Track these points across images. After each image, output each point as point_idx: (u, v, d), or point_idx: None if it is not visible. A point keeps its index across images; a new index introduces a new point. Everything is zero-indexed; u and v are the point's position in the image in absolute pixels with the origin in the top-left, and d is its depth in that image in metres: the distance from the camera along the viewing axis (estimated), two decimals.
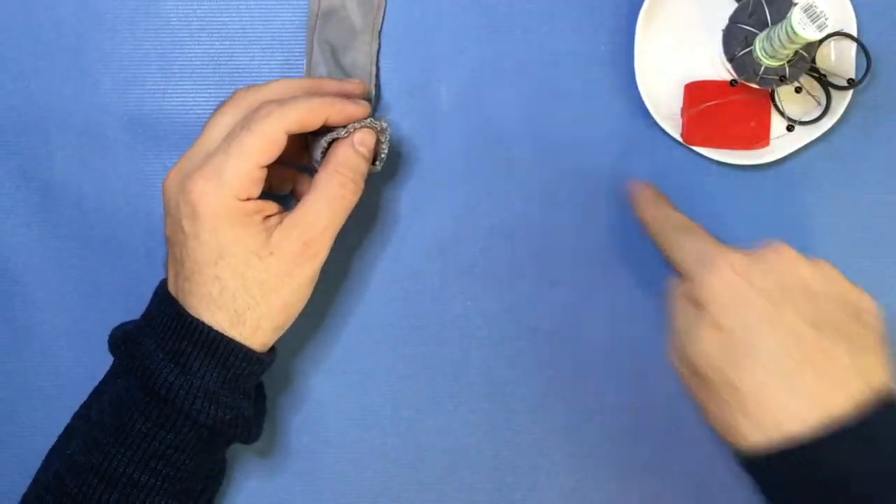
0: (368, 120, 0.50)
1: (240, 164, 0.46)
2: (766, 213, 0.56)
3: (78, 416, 0.50)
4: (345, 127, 0.49)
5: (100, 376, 0.55)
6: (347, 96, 0.50)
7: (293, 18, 0.56)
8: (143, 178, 0.56)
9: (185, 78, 0.56)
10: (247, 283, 0.46)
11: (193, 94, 0.56)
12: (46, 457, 0.50)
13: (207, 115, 0.55)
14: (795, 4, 0.49)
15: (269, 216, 0.48)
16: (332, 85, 0.51)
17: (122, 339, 0.49)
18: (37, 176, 0.56)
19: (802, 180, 0.56)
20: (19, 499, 0.55)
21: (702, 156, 0.55)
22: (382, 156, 0.51)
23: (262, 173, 0.47)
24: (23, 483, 0.56)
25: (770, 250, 0.45)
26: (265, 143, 0.46)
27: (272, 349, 0.50)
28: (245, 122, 0.47)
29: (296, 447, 0.56)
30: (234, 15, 0.56)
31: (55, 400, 0.56)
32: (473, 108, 0.56)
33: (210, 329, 0.46)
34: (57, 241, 0.56)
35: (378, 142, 0.51)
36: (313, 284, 0.49)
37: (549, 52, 0.56)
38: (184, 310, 0.47)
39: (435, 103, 0.56)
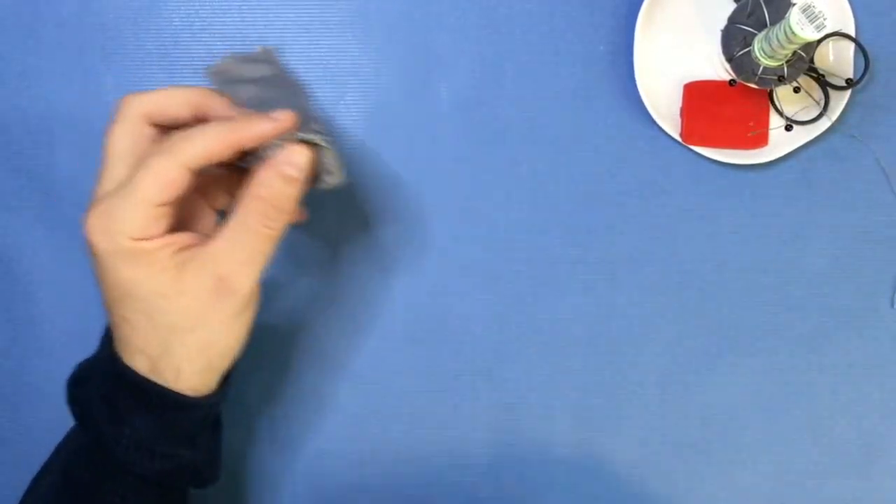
0: (299, 134, 0.43)
1: (132, 205, 0.41)
2: (765, 212, 0.56)
3: (33, 480, 0.48)
4: (277, 143, 0.43)
5: None
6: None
7: (295, 19, 0.56)
8: None
9: (187, 78, 0.56)
10: (157, 327, 0.42)
11: None
12: (25, 494, 0.48)
13: None
14: (794, 5, 0.49)
15: (181, 249, 0.42)
16: (221, 103, 0.45)
17: (72, 379, 0.47)
18: (40, 175, 0.56)
19: (800, 180, 0.56)
20: (20, 493, 0.56)
21: (701, 155, 0.55)
22: (330, 170, 0.45)
23: (163, 210, 0.42)
24: (24, 480, 0.56)
25: None
26: (161, 182, 0.41)
27: (222, 386, 0.46)
28: (147, 156, 0.42)
29: (291, 447, 0.57)
30: (235, 15, 0.56)
31: (56, 398, 0.55)
32: (473, 108, 0.56)
33: (138, 376, 0.43)
34: (59, 240, 0.56)
35: (319, 157, 0.44)
36: (244, 322, 0.44)
37: (549, 53, 0.56)
38: (114, 352, 0.44)
39: (435, 103, 0.56)
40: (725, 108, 0.55)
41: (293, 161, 0.43)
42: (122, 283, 0.42)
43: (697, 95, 0.55)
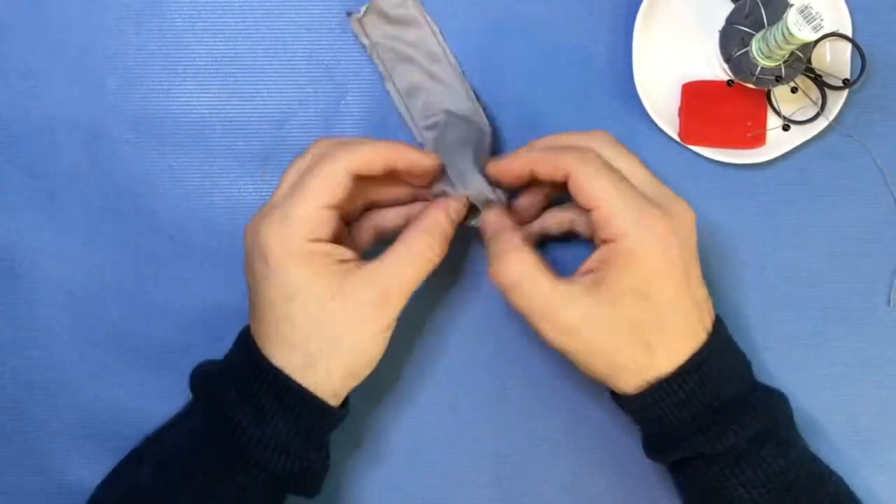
0: (476, 192, 0.51)
1: (304, 205, 0.46)
2: (762, 211, 0.57)
3: (150, 441, 0.50)
4: (454, 186, 0.51)
5: (103, 373, 0.56)
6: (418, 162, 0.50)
7: (296, 19, 0.57)
8: (147, 177, 0.56)
9: (189, 78, 0.57)
10: (319, 324, 0.46)
11: (197, 94, 0.56)
12: (108, 478, 0.50)
13: (211, 115, 0.57)
14: (791, 6, 0.49)
15: (344, 261, 0.47)
16: (407, 147, 0.50)
17: (203, 379, 0.49)
18: (43, 174, 0.56)
19: (798, 179, 0.56)
20: (25, 491, 0.56)
21: (699, 155, 0.56)
22: (473, 222, 0.52)
23: (329, 214, 0.47)
24: (27, 477, 0.56)
25: (683, 214, 0.48)
26: (327, 183, 0.47)
27: (345, 403, 0.50)
28: (310, 166, 0.48)
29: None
30: (237, 16, 0.57)
31: (59, 396, 0.57)
32: None
33: (285, 377, 0.46)
34: (63, 239, 0.56)
35: (472, 209, 0.52)
36: (388, 338, 0.48)
37: (549, 53, 0.57)
38: (261, 354, 0.47)
39: None
40: (723, 107, 0.55)
41: (459, 211, 0.51)
42: (293, 282, 0.46)
43: (696, 95, 0.55)
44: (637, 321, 0.46)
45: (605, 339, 0.46)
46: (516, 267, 0.47)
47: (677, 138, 0.56)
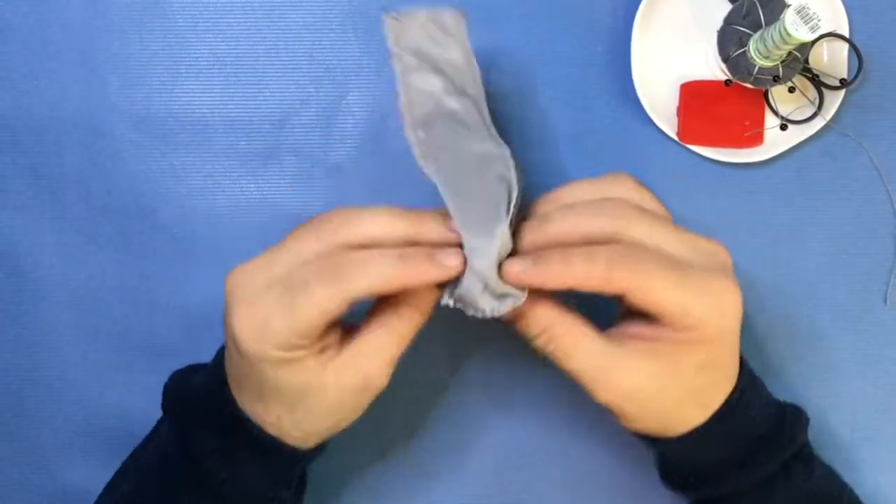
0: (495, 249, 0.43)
1: (288, 326, 0.42)
2: (760, 210, 0.57)
3: (133, 458, 0.50)
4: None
5: (105, 371, 0.57)
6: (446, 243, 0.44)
7: (297, 19, 0.57)
8: (150, 177, 0.57)
9: (192, 78, 0.57)
10: (294, 411, 0.44)
11: (199, 94, 0.57)
12: (98, 497, 0.50)
13: (213, 114, 0.57)
14: (789, 6, 0.49)
15: (325, 350, 0.44)
16: (434, 230, 0.44)
17: (176, 405, 0.48)
18: (46, 174, 0.57)
19: (795, 178, 0.57)
20: (29, 488, 0.56)
21: (697, 154, 0.56)
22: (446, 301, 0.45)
23: (317, 329, 0.42)
24: (32, 475, 0.57)
25: (732, 283, 0.45)
26: (325, 310, 0.42)
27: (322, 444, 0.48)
28: (313, 275, 0.42)
29: None
30: (239, 16, 0.57)
31: (62, 394, 0.57)
32: None
33: (261, 431, 0.45)
34: (66, 238, 0.57)
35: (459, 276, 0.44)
36: (368, 403, 0.46)
37: (548, 53, 0.57)
38: (236, 406, 0.45)
39: None
40: (721, 107, 0.55)
41: (442, 274, 0.43)
42: (267, 380, 0.43)
43: (694, 95, 0.55)
44: (699, 388, 0.45)
45: (662, 406, 0.44)
46: (557, 335, 0.44)
47: (676, 137, 0.56)
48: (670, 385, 0.44)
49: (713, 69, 0.56)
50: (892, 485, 0.56)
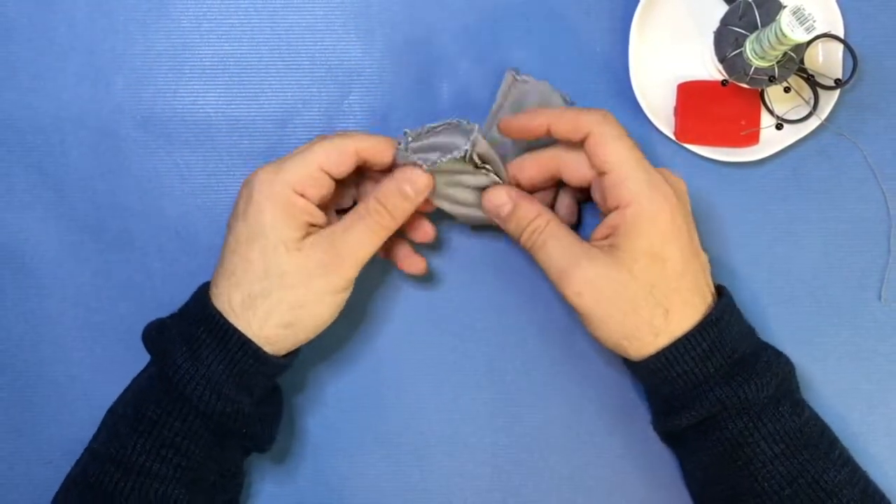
0: (451, 155, 0.50)
1: (301, 160, 0.49)
2: (756, 208, 0.57)
3: (108, 412, 0.51)
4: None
5: (110, 367, 0.57)
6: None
7: (299, 20, 0.58)
8: (154, 175, 0.57)
9: (196, 78, 0.58)
10: (269, 270, 0.48)
11: (203, 94, 0.57)
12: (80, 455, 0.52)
13: (217, 114, 0.58)
14: (784, 7, 0.50)
15: (314, 224, 0.50)
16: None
17: (154, 328, 0.51)
18: (52, 173, 0.57)
19: (791, 177, 0.57)
20: (35, 483, 0.57)
21: (694, 153, 0.57)
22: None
23: (322, 178, 0.49)
24: (38, 468, 0.57)
25: (681, 184, 0.50)
26: (332, 150, 0.49)
27: (289, 355, 0.51)
28: (321, 138, 0.50)
29: (301, 435, 0.58)
30: (242, 18, 0.58)
31: (68, 389, 0.58)
32: (474, 107, 0.57)
33: (222, 317, 0.48)
34: (71, 236, 0.57)
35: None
36: (337, 303, 0.50)
37: (547, 54, 0.57)
38: (207, 298, 0.49)
39: (436, 103, 0.58)
40: (718, 107, 0.56)
41: (415, 183, 0.50)
42: (262, 224, 0.48)
43: (691, 95, 0.56)
44: (653, 284, 0.48)
45: (622, 300, 0.48)
46: (542, 225, 0.50)
47: (673, 137, 0.56)
48: (626, 277, 0.48)
49: (710, 69, 0.56)
50: (887, 479, 0.56)
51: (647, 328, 0.48)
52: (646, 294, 0.48)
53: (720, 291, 0.51)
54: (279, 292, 0.48)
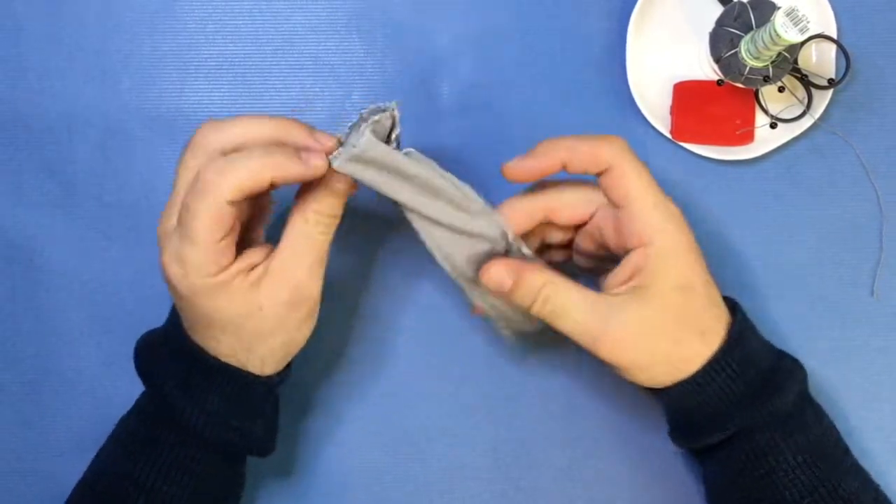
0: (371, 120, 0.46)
1: (196, 248, 0.44)
2: (751, 205, 0.58)
3: (120, 422, 0.52)
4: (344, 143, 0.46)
5: (118, 362, 0.58)
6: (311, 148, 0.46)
7: (303, 21, 0.58)
8: (160, 173, 0.58)
9: (201, 78, 0.58)
10: (241, 338, 0.47)
11: (208, 93, 0.58)
12: (91, 461, 0.52)
13: (222, 113, 0.58)
14: (778, 9, 0.51)
15: (253, 268, 0.47)
16: (300, 133, 0.46)
17: (143, 359, 0.50)
18: (61, 171, 0.58)
19: (785, 175, 0.58)
20: (43, 476, 0.57)
21: (690, 152, 0.57)
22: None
23: (225, 241, 0.45)
24: (46, 461, 0.58)
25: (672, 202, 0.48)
26: (210, 221, 0.44)
27: (286, 367, 0.51)
28: (191, 197, 0.44)
29: (302, 429, 0.58)
30: (247, 19, 0.58)
31: (75, 383, 0.58)
32: (473, 108, 0.58)
33: (213, 359, 0.47)
34: (79, 233, 0.58)
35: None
36: (314, 319, 0.49)
37: (546, 54, 0.58)
38: (191, 341, 0.48)
39: (437, 103, 0.58)
40: (713, 106, 0.56)
41: (340, 177, 0.46)
42: (206, 313, 0.46)
43: (687, 94, 0.57)
44: (687, 313, 0.47)
45: (661, 338, 0.46)
46: (551, 294, 0.47)
47: (669, 136, 0.57)
48: (661, 315, 0.46)
49: (705, 69, 0.57)
50: (881, 475, 0.56)
51: (690, 354, 0.47)
52: (682, 324, 0.47)
53: (732, 305, 0.50)
54: (265, 347, 0.47)
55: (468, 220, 0.48)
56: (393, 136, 0.47)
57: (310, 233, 0.47)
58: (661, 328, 0.46)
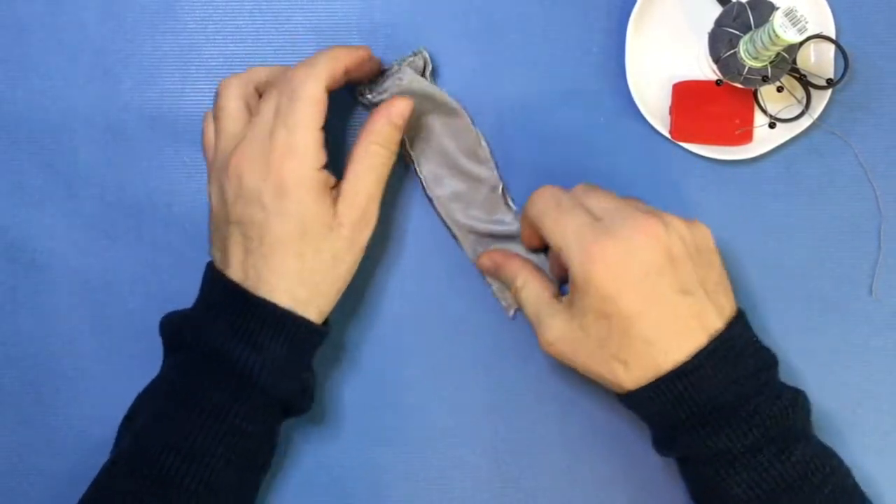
0: (408, 60, 0.55)
1: (306, 134, 0.48)
2: (749, 205, 0.58)
3: (141, 399, 0.51)
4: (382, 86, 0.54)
5: (119, 359, 0.58)
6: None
7: (303, 21, 0.59)
8: (162, 173, 0.58)
9: (202, 78, 0.59)
10: (323, 257, 0.49)
11: (209, 93, 0.58)
12: (115, 443, 0.52)
13: None
14: (777, 9, 0.51)
15: (333, 187, 0.50)
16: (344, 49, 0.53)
17: (181, 325, 0.50)
18: (62, 170, 0.58)
19: (784, 175, 0.58)
20: (44, 475, 0.57)
21: (689, 151, 0.57)
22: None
23: (322, 132, 0.49)
24: (47, 460, 0.58)
25: (639, 232, 0.47)
26: (315, 107, 0.49)
27: (326, 321, 0.52)
28: (285, 92, 0.49)
29: (303, 426, 0.58)
30: (247, 19, 0.59)
31: (77, 381, 0.58)
32: (472, 107, 0.58)
33: (276, 307, 0.48)
34: (81, 232, 0.58)
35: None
36: (360, 257, 0.52)
37: (545, 54, 0.58)
38: (249, 293, 0.48)
39: None
40: (712, 106, 0.56)
41: (403, 113, 0.51)
42: (307, 216, 0.48)
43: (686, 94, 0.57)
44: (603, 339, 0.48)
45: (580, 355, 0.49)
46: (520, 285, 0.53)
47: (668, 136, 0.57)
48: (579, 334, 0.49)
49: (704, 69, 0.57)
50: (878, 473, 0.57)
51: (610, 377, 0.49)
52: (598, 348, 0.48)
53: (730, 325, 0.48)
54: (335, 272, 0.50)
55: (475, 166, 0.57)
56: (426, 73, 0.56)
57: (372, 163, 0.50)
58: (579, 345, 0.49)
